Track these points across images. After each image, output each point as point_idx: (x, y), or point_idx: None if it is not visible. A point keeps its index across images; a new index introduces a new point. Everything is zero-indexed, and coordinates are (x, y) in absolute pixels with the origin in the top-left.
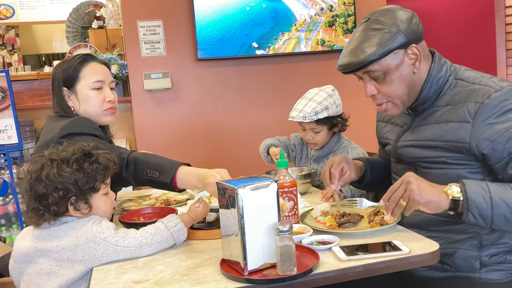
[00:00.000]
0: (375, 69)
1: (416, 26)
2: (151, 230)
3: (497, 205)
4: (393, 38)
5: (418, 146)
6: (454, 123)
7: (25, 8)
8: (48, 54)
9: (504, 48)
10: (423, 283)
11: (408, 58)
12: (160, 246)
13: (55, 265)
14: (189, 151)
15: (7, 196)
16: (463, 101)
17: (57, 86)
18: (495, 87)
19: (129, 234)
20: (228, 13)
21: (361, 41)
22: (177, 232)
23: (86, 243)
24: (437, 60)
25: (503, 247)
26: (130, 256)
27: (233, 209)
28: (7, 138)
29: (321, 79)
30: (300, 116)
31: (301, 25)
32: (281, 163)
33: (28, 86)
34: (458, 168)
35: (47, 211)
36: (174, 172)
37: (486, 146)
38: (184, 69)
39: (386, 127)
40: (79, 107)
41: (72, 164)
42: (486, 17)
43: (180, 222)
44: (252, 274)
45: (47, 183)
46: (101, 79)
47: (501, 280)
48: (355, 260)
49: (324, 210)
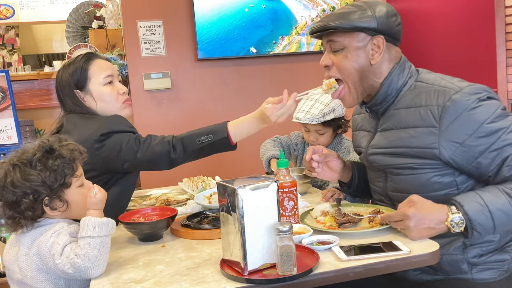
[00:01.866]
0: (337, 40)
1: (393, 23)
2: (81, 251)
3: (497, 216)
4: (365, 18)
5: (387, 154)
6: (421, 128)
7: (25, 8)
8: (48, 54)
9: (504, 48)
10: (416, 286)
11: (370, 48)
12: (104, 251)
13: (23, 275)
14: None
15: None
16: (424, 104)
17: (68, 90)
18: (454, 88)
19: (71, 254)
20: (227, 14)
21: (338, 12)
22: (103, 229)
23: (42, 253)
24: (401, 61)
25: (487, 245)
26: (82, 277)
27: (233, 209)
28: (7, 138)
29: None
30: (308, 117)
31: (302, 28)
32: (281, 163)
33: (28, 86)
34: (427, 172)
35: (22, 217)
36: (225, 127)
37: (454, 150)
38: (184, 69)
39: (359, 135)
40: (96, 106)
41: (35, 165)
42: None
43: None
44: (252, 274)
45: (14, 190)
46: (110, 73)
47: (494, 278)
48: (355, 260)
49: (324, 210)
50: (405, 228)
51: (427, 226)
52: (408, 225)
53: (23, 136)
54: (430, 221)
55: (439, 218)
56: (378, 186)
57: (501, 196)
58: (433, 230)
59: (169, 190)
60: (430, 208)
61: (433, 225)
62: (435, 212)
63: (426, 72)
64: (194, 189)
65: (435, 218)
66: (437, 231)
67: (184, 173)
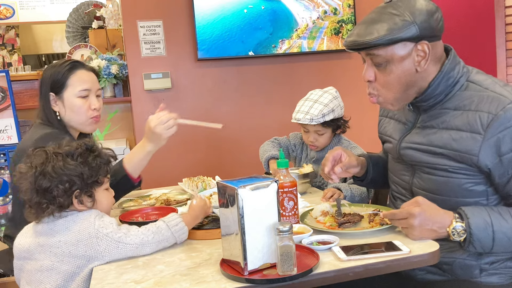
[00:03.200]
0: (378, 54)
1: (435, 23)
2: (152, 229)
3: (499, 238)
4: (405, 28)
5: (423, 151)
6: (465, 132)
7: (25, 8)
8: (48, 54)
9: (504, 48)
10: (423, 286)
11: (416, 54)
12: (161, 245)
13: (56, 261)
14: (188, 151)
15: (7, 196)
16: (474, 108)
17: (44, 90)
18: (510, 98)
19: (131, 231)
20: (226, 15)
21: (372, 22)
22: (178, 231)
23: (89, 238)
24: (452, 58)
25: (502, 255)
26: (131, 254)
27: (233, 209)
28: (7, 138)
29: (322, 79)
30: (307, 118)
31: (303, 31)
32: (281, 163)
33: (28, 86)
34: (461, 177)
35: (51, 203)
36: (122, 166)
37: (493, 161)
38: (184, 69)
39: (389, 123)
40: (64, 113)
41: (77, 158)
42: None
43: (181, 221)
44: (252, 274)
45: (53, 175)
46: (87, 88)
47: (501, 283)
48: (355, 260)
49: (324, 210)
50: (409, 227)
51: (430, 227)
52: (412, 223)
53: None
54: (434, 223)
55: (443, 222)
56: (403, 180)
57: (509, 219)
58: (434, 233)
59: (169, 190)
60: (436, 211)
61: (435, 228)
62: (440, 216)
63: (477, 71)
64: (194, 189)
65: (439, 221)
66: (438, 235)
67: (184, 173)
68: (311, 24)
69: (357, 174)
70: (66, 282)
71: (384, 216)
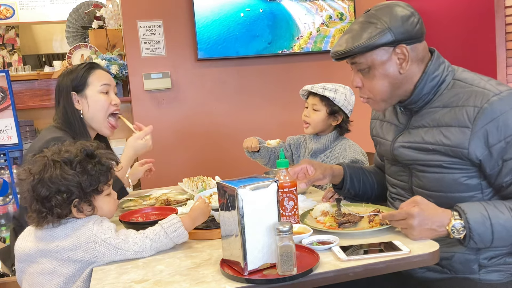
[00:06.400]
0: (360, 62)
1: (411, 26)
2: (150, 236)
3: (497, 230)
4: (380, 34)
5: (415, 149)
6: (454, 127)
7: (25, 8)
8: (48, 54)
9: (504, 48)
10: (422, 284)
11: (396, 57)
12: (160, 249)
13: (57, 265)
14: (188, 151)
15: (7, 196)
16: (461, 104)
17: (65, 93)
18: (493, 91)
19: (129, 237)
20: (226, 15)
21: (352, 32)
22: (176, 237)
23: (87, 243)
24: (435, 59)
25: (501, 249)
26: (130, 258)
27: (233, 209)
28: (7, 138)
29: (322, 79)
30: (309, 87)
31: (306, 42)
32: (281, 163)
33: (28, 86)
34: (455, 172)
35: (50, 213)
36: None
37: (483, 152)
38: (184, 69)
39: (381, 125)
40: (87, 111)
41: (75, 166)
42: (486, 17)
43: (180, 226)
44: (252, 274)
45: (50, 185)
46: (108, 82)
47: (500, 280)
48: (355, 260)
49: (324, 210)
50: (408, 227)
51: (429, 227)
52: (411, 224)
53: (23, 136)
54: (433, 222)
55: (442, 221)
56: (402, 181)
57: (505, 211)
58: (434, 232)
59: (169, 190)
60: (434, 210)
61: (435, 227)
62: (438, 214)
63: (463, 70)
64: (194, 189)
65: (438, 220)
66: (438, 234)
67: (184, 173)
68: (315, 32)
69: (334, 182)
70: (67, 284)
71: (383, 218)
